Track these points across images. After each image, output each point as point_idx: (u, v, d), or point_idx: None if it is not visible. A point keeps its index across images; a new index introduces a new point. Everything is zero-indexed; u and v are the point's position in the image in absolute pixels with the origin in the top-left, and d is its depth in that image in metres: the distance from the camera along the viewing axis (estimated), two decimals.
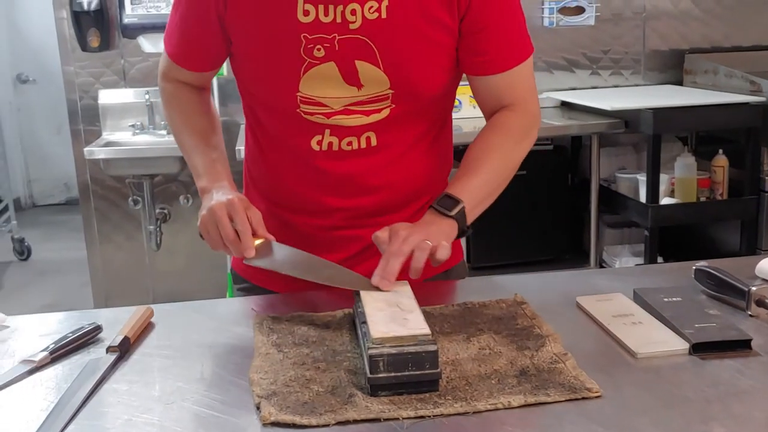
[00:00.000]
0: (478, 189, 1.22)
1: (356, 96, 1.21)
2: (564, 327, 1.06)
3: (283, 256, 1.16)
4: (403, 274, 1.09)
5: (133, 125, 3.42)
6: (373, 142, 1.25)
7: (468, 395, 0.88)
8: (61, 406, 0.90)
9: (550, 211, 3.30)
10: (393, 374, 0.88)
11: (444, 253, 1.11)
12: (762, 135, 2.93)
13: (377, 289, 1.07)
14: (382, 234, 1.14)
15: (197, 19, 1.24)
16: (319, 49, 1.18)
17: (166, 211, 3.55)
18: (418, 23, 1.18)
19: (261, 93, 1.26)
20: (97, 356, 1.03)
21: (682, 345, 0.98)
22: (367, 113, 1.22)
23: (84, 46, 3.41)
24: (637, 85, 3.66)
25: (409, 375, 0.88)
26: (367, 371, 0.89)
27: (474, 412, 0.85)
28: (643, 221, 2.96)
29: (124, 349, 1.04)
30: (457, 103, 3.56)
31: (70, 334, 1.07)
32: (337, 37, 1.17)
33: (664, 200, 2.97)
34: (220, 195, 1.17)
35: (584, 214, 3.35)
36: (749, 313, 1.08)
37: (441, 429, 0.83)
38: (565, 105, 3.41)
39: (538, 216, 3.27)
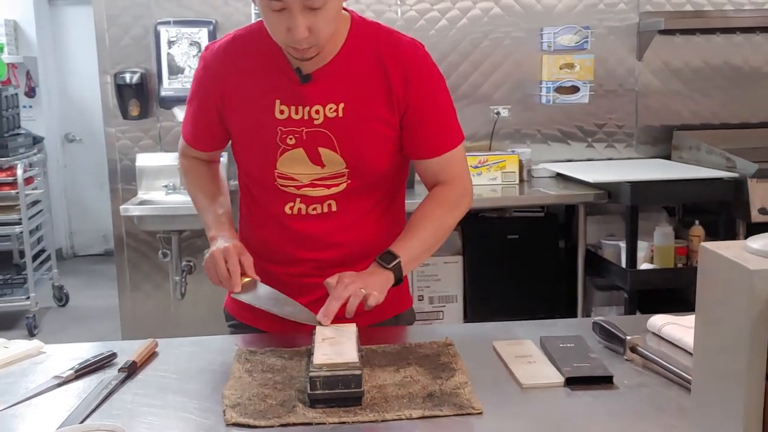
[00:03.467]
0: (414, 248, 1.52)
1: (320, 173, 1.53)
2: (477, 363, 1.33)
3: (261, 293, 1.49)
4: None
5: (166, 186, 3.77)
6: (334, 207, 1.56)
7: (382, 409, 1.16)
8: (80, 408, 1.20)
9: (541, 274, 3.56)
10: (327, 391, 1.17)
11: (374, 300, 1.40)
12: (734, 208, 3.18)
13: (318, 323, 1.38)
14: (331, 280, 1.44)
15: (204, 113, 1.60)
16: (291, 139, 1.51)
17: (191, 263, 3.88)
18: (367, 120, 1.50)
19: (249, 169, 1.61)
20: (111, 375, 1.33)
21: (559, 378, 1.25)
22: (328, 186, 1.54)
23: (125, 115, 3.81)
24: (630, 158, 3.94)
25: (339, 392, 1.17)
26: (308, 388, 1.18)
27: (383, 421, 1.13)
28: (624, 284, 3.21)
29: (132, 371, 1.35)
30: None
31: (91, 358, 1.38)
32: (305, 130, 1.50)
33: (644, 266, 3.23)
34: (222, 242, 1.52)
35: (576, 277, 3.61)
36: (626, 357, 1.35)
37: (357, 431, 1.12)
38: (560, 176, 3.71)
39: (530, 277, 3.53)
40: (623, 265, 3.25)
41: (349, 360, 1.21)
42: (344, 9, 1.49)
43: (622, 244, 3.29)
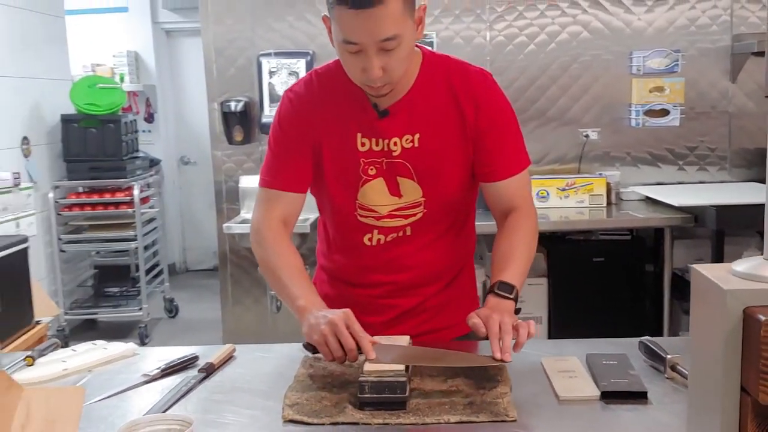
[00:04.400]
0: (518, 276, 1.57)
1: (397, 203, 1.64)
2: (522, 377, 1.42)
3: (398, 353, 1.39)
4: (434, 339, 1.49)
5: None
6: (408, 232, 1.67)
7: (424, 414, 1.27)
8: (162, 402, 1.38)
9: (627, 297, 3.56)
10: (374, 395, 1.29)
11: (534, 328, 1.42)
12: None
13: (500, 361, 1.34)
14: (476, 320, 1.43)
15: (297, 148, 1.63)
16: (372, 169, 1.62)
17: None
18: (442, 149, 1.61)
19: (331, 203, 1.69)
20: (191, 374, 1.50)
21: (595, 392, 1.33)
22: (406, 216, 1.65)
23: (230, 140, 4.08)
24: (723, 182, 3.88)
25: (385, 397, 1.29)
26: (358, 392, 1.30)
27: (422, 424, 1.24)
28: None
29: (209, 371, 1.52)
30: (545, 193, 3.92)
31: (176, 360, 1.56)
32: (385, 161, 1.62)
33: None
34: (330, 311, 1.44)
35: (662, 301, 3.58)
36: (666, 376, 1.40)
37: None
38: (649, 199, 3.70)
39: (615, 300, 3.54)
40: None
41: (396, 368, 1.32)
42: (416, 46, 1.62)
43: None
